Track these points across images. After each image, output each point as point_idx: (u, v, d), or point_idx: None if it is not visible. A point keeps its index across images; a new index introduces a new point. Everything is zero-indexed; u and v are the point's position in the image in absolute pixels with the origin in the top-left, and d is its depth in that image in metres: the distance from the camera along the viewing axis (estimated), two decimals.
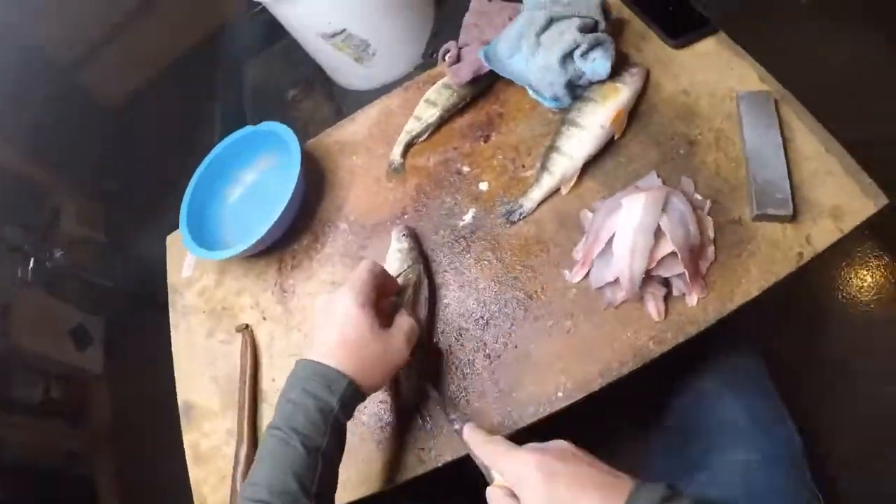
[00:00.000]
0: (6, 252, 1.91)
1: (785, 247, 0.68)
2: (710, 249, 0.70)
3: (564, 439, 0.57)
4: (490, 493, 0.57)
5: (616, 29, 0.85)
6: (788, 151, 0.72)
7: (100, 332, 2.19)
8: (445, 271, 0.83)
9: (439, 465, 0.72)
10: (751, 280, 0.67)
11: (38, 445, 1.81)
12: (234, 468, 0.80)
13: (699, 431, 0.78)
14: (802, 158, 0.72)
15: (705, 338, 0.68)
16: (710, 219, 0.71)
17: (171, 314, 1.01)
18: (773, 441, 0.73)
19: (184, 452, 0.88)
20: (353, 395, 0.64)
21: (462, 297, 0.80)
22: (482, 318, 0.78)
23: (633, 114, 0.81)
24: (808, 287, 1.45)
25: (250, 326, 0.91)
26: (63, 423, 1.90)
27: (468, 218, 0.85)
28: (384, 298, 0.72)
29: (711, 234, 0.70)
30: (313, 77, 1.85)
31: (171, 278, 1.05)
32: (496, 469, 0.57)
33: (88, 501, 1.85)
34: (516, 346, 0.75)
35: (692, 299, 0.68)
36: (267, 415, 0.84)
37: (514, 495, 0.55)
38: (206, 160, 1.02)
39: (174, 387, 0.93)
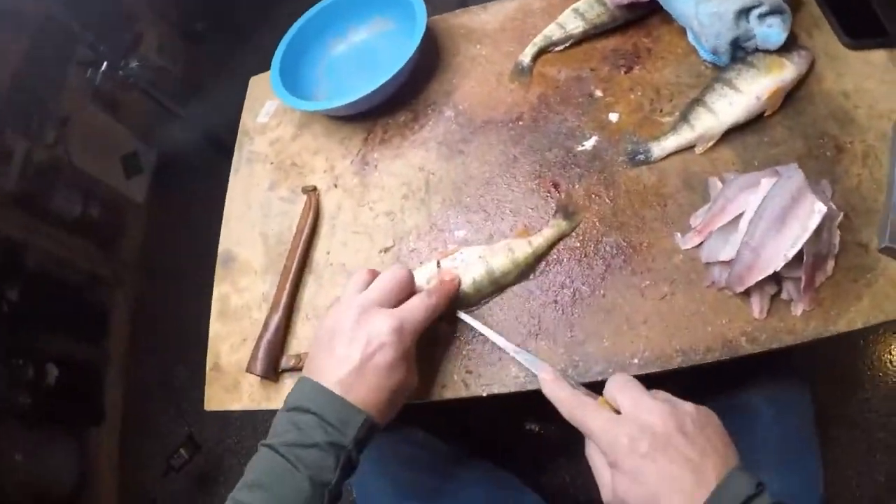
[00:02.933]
0: (79, 64, 1.87)
1: None
2: (831, 264, 0.63)
3: None
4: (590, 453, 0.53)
5: (793, 5, 0.75)
6: None
7: (151, 163, 2.16)
8: None
9: (484, 394, 0.65)
10: (860, 310, 0.60)
11: (64, 260, 1.81)
12: (262, 333, 0.73)
13: None
14: None
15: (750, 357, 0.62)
16: (838, 232, 0.64)
17: (234, 156, 0.95)
18: (800, 474, 0.72)
19: (206, 302, 0.82)
20: (370, 431, 0.57)
21: None
22: (577, 251, 0.70)
23: (789, 97, 0.73)
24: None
25: (318, 190, 0.83)
26: (93, 245, 1.89)
27: (589, 144, 0.76)
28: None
29: (836, 248, 0.63)
30: None
31: (245, 121, 0.98)
32: (587, 433, 0.53)
33: (99, 327, 1.85)
34: (604, 295, 0.67)
35: (798, 308, 0.61)
36: (311, 286, 0.77)
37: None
38: (319, 6, 0.94)
39: (214, 234, 0.87)
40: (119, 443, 1.75)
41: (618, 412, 0.52)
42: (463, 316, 0.67)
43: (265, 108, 0.97)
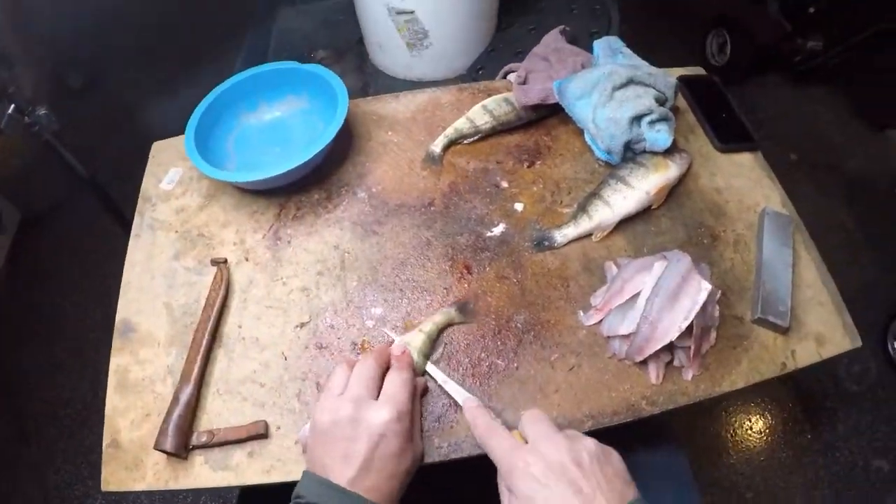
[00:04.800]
0: None
1: (773, 353, 0.73)
2: (713, 335, 0.73)
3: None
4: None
5: (673, 114, 0.88)
6: (793, 274, 0.78)
7: (14, 224, 1.98)
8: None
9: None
10: (739, 372, 0.71)
11: None
12: (171, 408, 0.70)
13: None
14: (803, 283, 0.78)
15: (635, 425, 0.69)
16: (718, 307, 0.74)
17: (135, 222, 0.91)
18: None
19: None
20: None
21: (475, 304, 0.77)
22: (491, 327, 0.75)
23: (671, 192, 0.85)
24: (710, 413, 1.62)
25: (228, 262, 0.82)
26: None
27: (497, 231, 0.83)
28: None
29: (717, 321, 0.74)
30: (347, 46, 1.81)
31: (146, 187, 0.95)
32: (491, 457, 0.58)
33: None
34: (517, 367, 0.72)
35: (688, 374, 0.70)
36: (222, 360, 0.75)
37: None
38: (236, 78, 0.95)
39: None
40: None
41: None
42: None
43: (169, 175, 0.95)
